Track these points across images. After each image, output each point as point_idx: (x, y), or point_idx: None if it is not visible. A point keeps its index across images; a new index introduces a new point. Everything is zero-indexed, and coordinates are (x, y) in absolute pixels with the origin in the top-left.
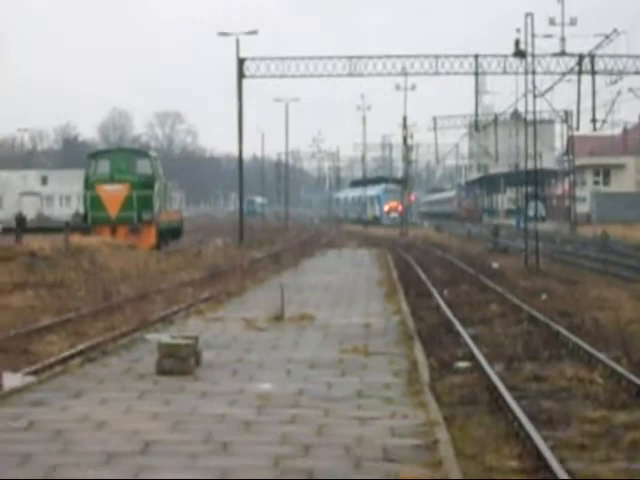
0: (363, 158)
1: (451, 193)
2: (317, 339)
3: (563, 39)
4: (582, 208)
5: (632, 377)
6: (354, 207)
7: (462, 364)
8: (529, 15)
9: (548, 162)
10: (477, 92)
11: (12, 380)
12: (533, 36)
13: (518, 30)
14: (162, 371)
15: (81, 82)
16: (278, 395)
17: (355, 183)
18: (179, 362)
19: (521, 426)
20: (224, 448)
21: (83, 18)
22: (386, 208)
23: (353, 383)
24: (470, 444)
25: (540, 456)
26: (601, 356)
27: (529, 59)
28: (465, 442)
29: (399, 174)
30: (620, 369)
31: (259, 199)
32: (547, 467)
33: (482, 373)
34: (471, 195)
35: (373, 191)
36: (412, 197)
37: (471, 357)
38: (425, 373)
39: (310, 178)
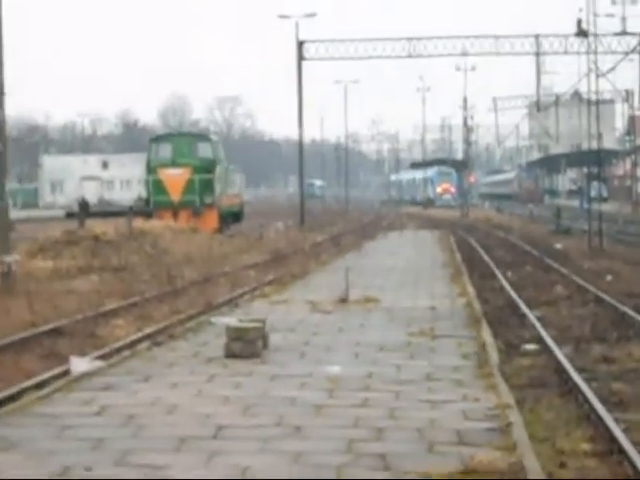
0: (422, 140)
1: (511, 174)
2: (383, 322)
3: (624, 18)
4: None
5: None
6: (408, 189)
7: (530, 346)
8: None
9: (609, 142)
10: (538, 72)
11: (80, 365)
12: (595, 15)
13: (580, 10)
14: (231, 354)
15: (140, 67)
16: (347, 378)
17: (415, 165)
18: (247, 345)
19: (592, 408)
20: (297, 431)
21: (142, 3)
22: (439, 190)
23: (422, 366)
24: (541, 427)
25: (613, 439)
26: None
27: (591, 39)
28: (536, 425)
29: (459, 156)
30: None
31: (318, 182)
32: (620, 450)
33: (550, 355)
34: (532, 176)
35: (426, 174)
36: (472, 178)
37: (538, 339)
38: (494, 355)
39: (369, 161)
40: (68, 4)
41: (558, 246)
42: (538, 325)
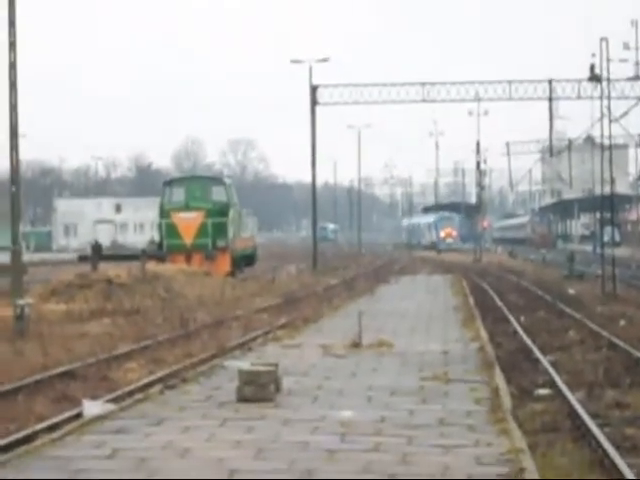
0: (435, 184)
1: (524, 218)
2: (396, 366)
3: (638, 63)
4: None
5: None
6: (415, 233)
7: (543, 391)
8: (604, 39)
9: (622, 187)
10: (551, 117)
11: (93, 408)
12: (608, 60)
13: (593, 55)
14: (243, 398)
15: (154, 110)
16: (360, 422)
17: (427, 209)
18: (259, 389)
19: (606, 454)
20: (308, 476)
21: (157, 45)
22: (442, 234)
23: (435, 410)
24: (554, 472)
25: None
26: None
27: (604, 83)
28: (549, 470)
29: (472, 200)
30: None
31: (331, 225)
32: None
33: (563, 400)
34: (545, 220)
35: (430, 219)
36: (485, 223)
37: (551, 384)
38: (507, 400)
39: (382, 204)
40: (83, 46)
41: (571, 291)
42: (551, 370)
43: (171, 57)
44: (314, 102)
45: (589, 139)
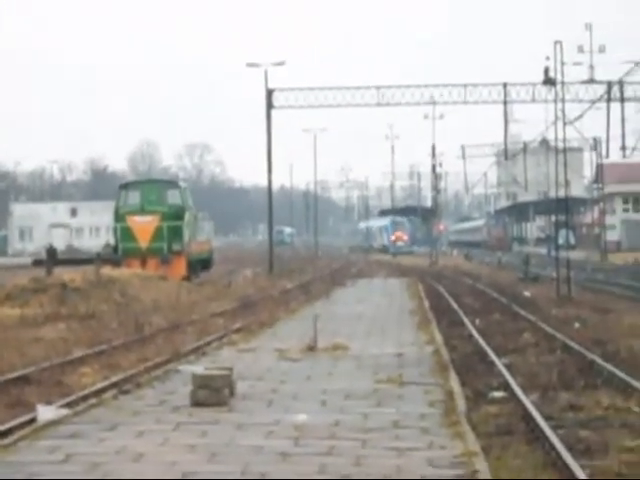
0: (391, 187)
1: (480, 222)
2: (351, 369)
3: (592, 67)
4: (612, 236)
5: None
6: (366, 237)
7: (497, 394)
8: (558, 43)
9: (577, 190)
10: (506, 121)
11: (47, 413)
12: (562, 64)
13: (547, 58)
14: (197, 402)
15: (110, 114)
16: (314, 426)
17: (383, 212)
18: (214, 393)
19: (559, 456)
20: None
21: (113, 50)
22: (393, 238)
23: (389, 413)
24: (508, 474)
25: None
26: (637, 384)
27: (558, 87)
28: (503, 472)
29: (428, 203)
30: None
31: (288, 229)
32: None
33: (518, 403)
34: (500, 223)
35: (381, 223)
36: (441, 226)
37: (506, 386)
38: (461, 403)
39: (338, 208)
40: (38, 50)
41: (526, 294)
42: (506, 372)
43: (125, 61)
44: (270, 106)
45: (544, 142)
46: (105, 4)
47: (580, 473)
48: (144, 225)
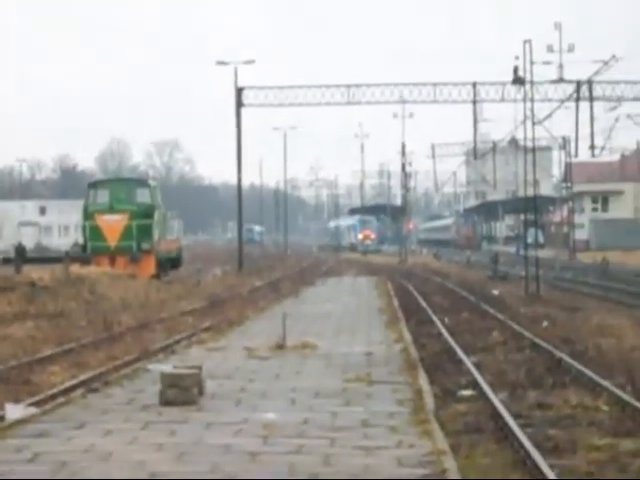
0: (361, 186)
1: (449, 220)
2: (320, 368)
3: (561, 66)
4: (581, 235)
5: (637, 404)
6: (335, 235)
7: (466, 392)
8: (527, 42)
9: (546, 189)
10: (475, 120)
11: (14, 411)
12: (531, 63)
13: (516, 57)
14: (166, 401)
15: (79, 112)
16: (283, 425)
17: (353, 211)
18: (182, 392)
19: (527, 454)
20: (231, 478)
21: (80, 47)
22: (360, 236)
23: (358, 412)
24: (477, 473)
25: None
26: (605, 383)
27: (527, 86)
28: (472, 471)
29: (397, 201)
30: (625, 396)
31: (257, 227)
32: None
33: (486, 401)
34: (469, 222)
35: (350, 222)
36: (410, 225)
37: (475, 385)
38: (429, 401)
39: (308, 206)
40: (6, 50)
41: (495, 292)
42: (474, 371)
43: (93, 56)
44: (239, 104)
45: (513, 141)
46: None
47: (549, 472)
48: (113, 224)
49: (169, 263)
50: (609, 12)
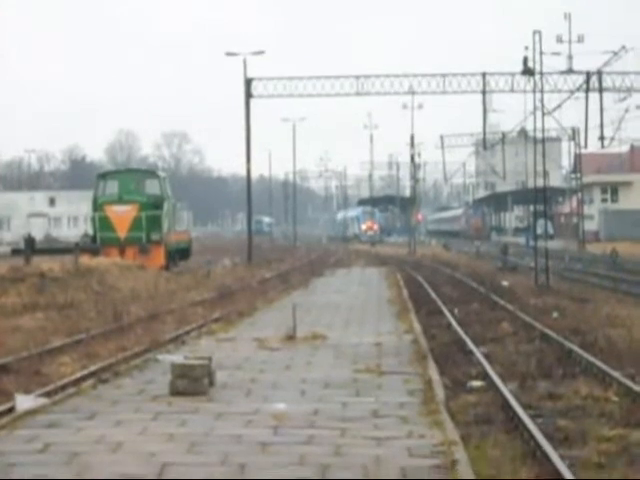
0: (370, 177)
1: (459, 211)
2: (330, 359)
3: (571, 57)
4: (590, 226)
5: None
6: (339, 226)
7: (476, 383)
8: (537, 33)
9: (555, 180)
10: (485, 110)
11: (25, 402)
12: (541, 54)
13: (526, 48)
14: (176, 392)
15: (88, 103)
16: (293, 415)
17: (362, 202)
18: (193, 383)
19: (538, 445)
20: (241, 470)
21: (89, 40)
22: (363, 227)
23: (368, 403)
24: (487, 464)
25: (559, 476)
26: (615, 374)
27: (537, 77)
28: (482, 462)
29: (406, 192)
30: (635, 387)
31: (267, 219)
32: None
33: (496, 392)
34: (479, 213)
35: (353, 213)
36: (419, 216)
37: (485, 376)
38: (440, 392)
39: (317, 197)
40: (15, 41)
41: (505, 283)
42: (484, 362)
43: (101, 49)
44: (249, 95)
45: (522, 132)
46: None
47: (560, 463)
48: (122, 215)
49: (178, 254)
50: (619, 2)
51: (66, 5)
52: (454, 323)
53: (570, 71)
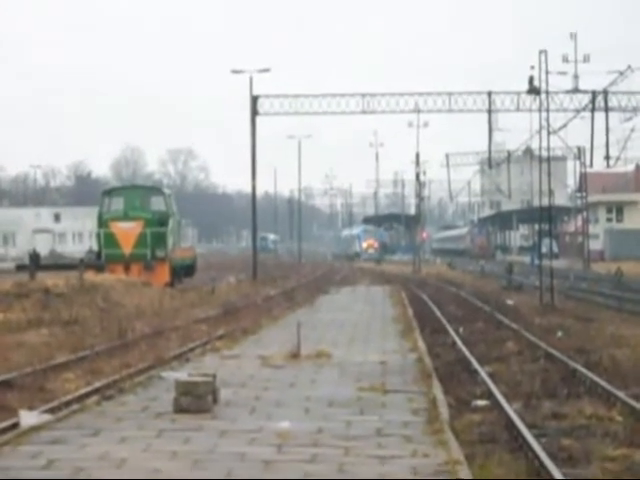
0: (375, 195)
1: (463, 230)
2: (334, 377)
3: (576, 76)
4: (595, 245)
5: None
6: (345, 244)
7: (480, 402)
8: (543, 52)
9: (561, 199)
10: (490, 129)
11: (29, 418)
12: (547, 73)
13: (532, 67)
14: (180, 409)
15: (93, 119)
16: (297, 433)
17: (367, 220)
18: (197, 400)
19: (542, 464)
20: None
21: (94, 54)
22: (364, 245)
23: (372, 421)
24: None
25: None
26: (620, 394)
27: (543, 96)
28: None
29: (411, 210)
30: (639, 407)
31: (272, 236)
32: None
33: (501, 411)
34: (484, 232)
35: (354, 231)
36: (424, 234)
37: (489, 395)
38: (444, 411)
39: (322, 215)
40: (23, 56)
41: (509, 302)
42: (489, 381)
43: (108, 65)
44: (254, 112)
45: (528, 151)
46: (87, 6)
47: None
48: (127, 231)
49: (183, 271)
50: (624, 23)
51: (76, 21)
52: (459, 342)
53: (576, 90)
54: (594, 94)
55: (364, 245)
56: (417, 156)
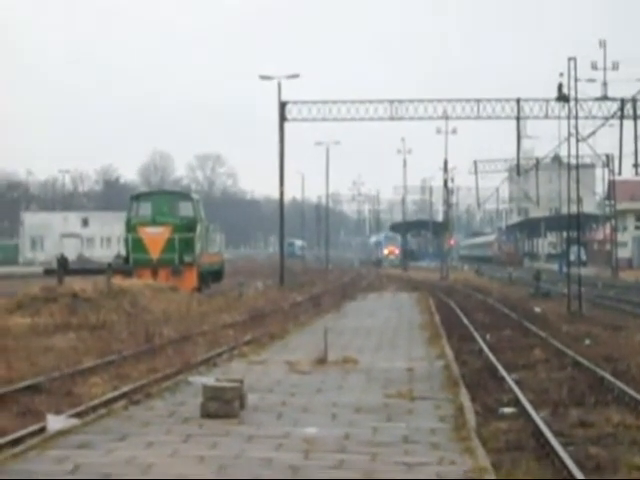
0: (403, 201)
1: (491, 237)
2: (361, 383)
3: (605, 83)
4: (623, 253)
5: None
6: (369, 251)
7: (507, 409)
8: (572, 59)
9: (589, 206)
10: (519, 136)
11: (57, 422)
12: (576, 80)
13: (561, 74)
14: (207, 414)
15: (122, 124)
16: (324, 439)
17: (394, 227)
18: (224, 405)
19: (569, 473)
20: None
21: (125, 61)
22: (385, 252)
23: (399, 428)
24: None
25: None
26: None
27: (571, 103)
28: None
29: (439, 217)
30: None
31: (299, 242)
32: None
33: (528, 419)
34: (511, 239)
35: (376, 238)
36: (452, 241)
37: (516, 402)
38: (471, 418)
39: (350, 221)
40: (50, 60)
41: (537, 309)
42: (516, 388)
43: (138, 71)
44: (283, 118)
45: (556, 158)
46: (117, 13)
47: None
48: (155, 236)
49: (211, 276)
50: None
51: (106, 26)
52: (486, 349)
53: (605, 98)
54: (623, 102)
55: (385, 252)
56: (445, 163)
